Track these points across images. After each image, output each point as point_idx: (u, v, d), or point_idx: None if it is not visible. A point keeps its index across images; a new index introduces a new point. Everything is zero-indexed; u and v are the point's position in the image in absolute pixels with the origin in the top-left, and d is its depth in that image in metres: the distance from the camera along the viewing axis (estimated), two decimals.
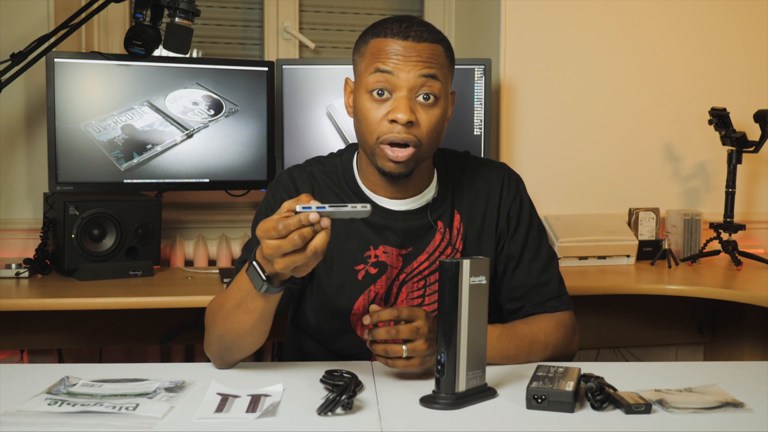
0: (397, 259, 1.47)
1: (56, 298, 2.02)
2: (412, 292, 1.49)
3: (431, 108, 1.37)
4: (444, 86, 1.40)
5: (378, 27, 1.39)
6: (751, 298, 2.18)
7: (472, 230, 1.51)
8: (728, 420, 1.16)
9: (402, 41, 1.35)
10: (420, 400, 1.22)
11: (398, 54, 1.35)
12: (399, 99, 1.35)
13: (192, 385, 1.27)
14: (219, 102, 2.44)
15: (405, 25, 1.37)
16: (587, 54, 2.81)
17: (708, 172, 2.90)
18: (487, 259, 1.23)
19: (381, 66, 1.35)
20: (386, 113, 1.35)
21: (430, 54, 1.36)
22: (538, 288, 1.52)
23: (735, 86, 2.88)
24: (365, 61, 1.39)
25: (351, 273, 1.47)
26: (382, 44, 1.36)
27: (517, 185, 1.56)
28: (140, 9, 2.22)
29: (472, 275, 1.20)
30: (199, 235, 2.63)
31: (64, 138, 2.28)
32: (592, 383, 1.19)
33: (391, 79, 1.35)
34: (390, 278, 1.47)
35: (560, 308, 1.52)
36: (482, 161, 1.58)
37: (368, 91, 1.37)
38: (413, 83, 1.35)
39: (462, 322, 1.19)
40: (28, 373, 1.37)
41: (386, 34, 1.36)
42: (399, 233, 1.47)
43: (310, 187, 1.49)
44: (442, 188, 1.51)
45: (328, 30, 2.99)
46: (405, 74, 1.34)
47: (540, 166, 2.79)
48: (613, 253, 2.63)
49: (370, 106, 1.37)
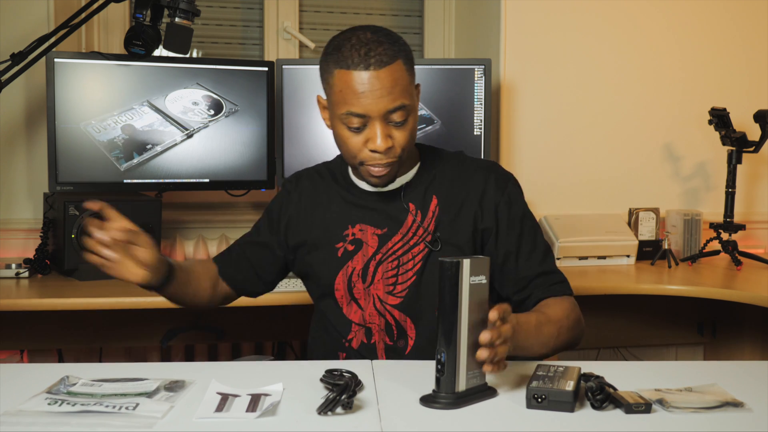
0: (372, 237, 1.56)
1: (56, 298, 2.02)
2: (387, 272, 1.55)
3: (404, 126, 1.46)
4: (411, 103, 1.46)
5: (338, 55, 1.42)
6: (751, 298, 2.18)
7: (448, 216, 1.55)
8: (728, 420, 1.16)
9: (364, 72, 1.40)
10: (420, 399, 1.22)
11: (364, 90, 1.40)
12: (373, 129, 1.43)
13: (192, 384, 1.27)
14: (219, 102, 2.44)
15: (364, 51, 1.40)
16: (587, 54, 2.81)
17: (708, 172, 2.90)
18: (487, 259, 1.24)
19: (352, 109, 1.42)
20: (364, 142, 1.45)
21: (393, 81, 1.41)
22: (543, 276, 1.55)
23: (735, 86, 2.88)
24: (334, 96, 1.45)
25: (332, 250, 1.58)
26: (347, 79, 1.41)
27: (506, 182, 1.59)
28: (140, 9, 2.22)
29: (473, 275, 1.20)
30: (199, 235, 2.63)
31: (64, 138, 2.28)
32: (592, 383, 1.19)
33: (363, 117, 1.43)
34: (366, 256, 1.55)
35: (567, 292, 1.56)
36: (474, 159, 1.64)
37: (343, 123, 1.45)
38: (384, 114, 1.43)
39: (462, 322, 1.19)
40: (28, 373, 1.37)
41: (348, 66, 1.41)
42: (374, 213, 1.57)
43: (311, 181, 1.66)
44: (419, 175, 1.58)
45: (328, 30, 2.99)
46: (375, 111, 1.42)
47: (540, 166, 2.80)
48: (613, 253, 2.63)
49: (347, 135, 1.46)
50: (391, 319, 1.55)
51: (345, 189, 1.61)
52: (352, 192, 1.60)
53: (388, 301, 1.55)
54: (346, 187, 1.61)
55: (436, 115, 2.55)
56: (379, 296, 1.55)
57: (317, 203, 1.62)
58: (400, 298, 1.54)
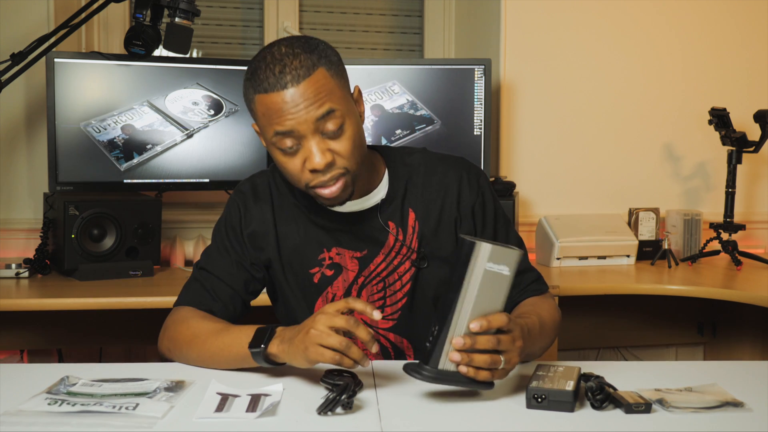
0: (351, 261, 1.46)
1: (56, 298, 2.02)
2: (372, 295, 1.47)
3: (341, 135, 1.33)
4: (344, 107, 1.33)
5: (255, 79, 1.31)
6: (751, 298, 2.18)
7: (428, 228, 1.47)
8: (728, 420, 1.16)
9: (282, 91, 1.29)
10: (404, 366, 1.20)
11: (287, 108, 1.29)
12: (308, 147, 1.31)
13: (192, 384, 1.27)
14: (219, 102, 2.44)
15: (278, 69, 1.29)
16: (587, 54, 2.81)
17: (708, 172, 2.90)
18: (517, 252, 1.17)
19: (278, 129, 1.30)
20: (302, 163, 1.32)
21: (315, 90, 1.29)
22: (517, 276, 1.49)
23: (735, 86, 2.88)
24: (260, 122, 1.34)
25: (307, 276, 1.47)
26: (267, 102, 1.30)
27: (478, 179, 1.50)
28: (140, 9, 2.22)
29: (492, 261, 1.15)
30: (199, 235, 2.63)
31: (64, 138, 2.28)
32: (592, 383, 1.19)
33: (292, 134, 1.31)
34: (347, 281, 1.46)
35: (542, 290, 1.51)
36: (440, 157, 1.52)
37: (277, 148, 1.34)
38: (313, 126, 1.30)
39: (464, 302, 1.16)
40: (28, 373, 1.37)
41: (266, 89, 1.29)
42: (350, 235, 1.46)
43: (269, 192, 1.50)
44: (392, 187, 1.47)
45: (328, 30, 2.99)
46: (303, 124, 1.30)
47: (540, 165, 2.80)
48: (613, 253, 2.63)
49: (284, 160, 1.34)
50: (387, 343, 1.49)
51: (312, 210, 1.47)
52: (321, 215, 1.46)
53: (379, 325, 1.48)
54: (312, 208, 1.46)
55: (436, 115, 2.55)
56: (367, 321, 1.44)
57: (282, 219, 1.48)
58: (393, 320, 1.47)
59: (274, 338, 1.26)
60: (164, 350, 1.44)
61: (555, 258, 2.55)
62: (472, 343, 1.16)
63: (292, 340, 1.21)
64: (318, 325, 1.18)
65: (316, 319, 1.19)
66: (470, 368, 1.17)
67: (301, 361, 1.21)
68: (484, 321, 1.16)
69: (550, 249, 2.55)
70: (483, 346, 1.17)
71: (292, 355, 1.22)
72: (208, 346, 1.35)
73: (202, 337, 1.36)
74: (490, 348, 1.17)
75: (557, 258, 2.55)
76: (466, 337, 1.16)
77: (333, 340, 1.17)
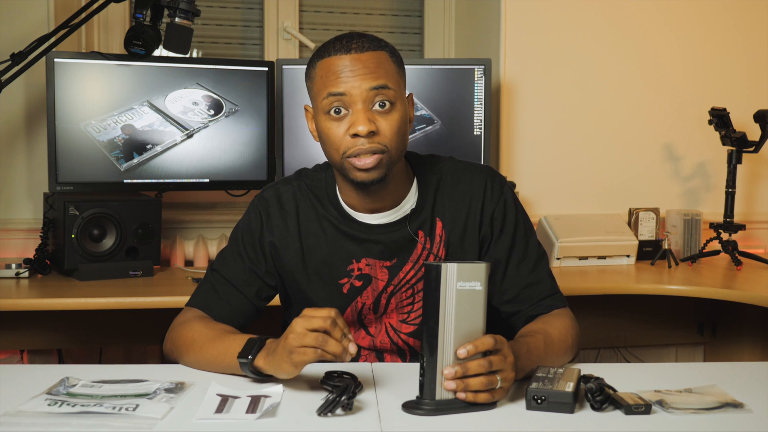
0: (381, 270, 1.48)
1: (56, 298, 2.02)
2: (402, 302, 1.50)
3: (389, 113, 1.37)
4: (397, 91, 1.39)
5: (321, 50, 1.40)
6: (751, 298, 2.18)
7: (455, 236, 1.49)
8: (728, 420, 1.16)
9: (345, 55, 1.36)
10: (402, 405, 1.19)
11: (345, 70, 1.35)
12: (356, 113, 1.35)
13: (192, 385, 1.27)
14: (219, 102, 2.44)
15: (345, 40, 1.38)
16: (587, 54, 2.81)
17: (708, 172, 2.90)
18: (484, 265, 1.17)
19: (332, 89, 1.36)
20: (347, 129, 1.36)
21: (375, 63, 1.36)
22: (530, 288, 1.49)
23: (735, 86, 2.88)
24: (316, 86, 1.40)
25: (336, 287, 1.49)
26: (328, 64, 1.37)
27: (501, 187, 1.52)
28: (140, 9, 2.22)
29: (462, 280, 1.15)
30: (199, 235, 2.63)
31: (64, 138, 2.28)
32: (591, 384, 1.19)
33: (344, 98, 1.36)
34: (377, 290, 1.49)
35: (557, 306, 1.50)
36: (466, 165, 1.55)
37: (325, 113, 1.38)
38: (366, 96, 1.35)
39: (445, 328, 1.16)
40: (28, 373, 1.38)
41: (329, 54, 1.37)
42: (381, 246, 1.48)
43: (295, 203, 1.50)
44: (421, 197, 1.50)
45: (328, 30, 2.99)
46: (357, 89, 1.35)
47: (540, 165, 2.80)
48: (613, 253, 2.63)
49: (330, 125, 1.38)
50: (404, 345, 1.52)
51: (340, 221, 1.48)
52: (351, 225, 1.48)
53: (402, 329, 1.51)
54: (341, 219, 1.48)
55: (436, 115, 2.55)
56: (392, 324, 1.51)
57: (307, 231, 1.49)
58: (414, 325, 1.50)
59: (262, 350, 1.27)
60: (167, 351, 1.46)
61: (555, 258, 2.55)
62: (464, 371, 1.17)
63: (275, 350, 1.22)
64: (296, 327, 1.19)
65: (294, 323, 1.20)
66: (468, 393, 1.17)
67: (287, 368, 1.21)
68: (471, 346, 1.17)
69: (550, 249, 2.55)
70: (475, 371, 1.17)
71: (276, 365, 1.22)
72: (204, 353, 1.36)
73: (199, 343, 1.38)
74: (483, 372, 1.18)
75: (557, 258, 2.56)
76: (456, 365, 1.17)
77: (309, 338, 1.17)
